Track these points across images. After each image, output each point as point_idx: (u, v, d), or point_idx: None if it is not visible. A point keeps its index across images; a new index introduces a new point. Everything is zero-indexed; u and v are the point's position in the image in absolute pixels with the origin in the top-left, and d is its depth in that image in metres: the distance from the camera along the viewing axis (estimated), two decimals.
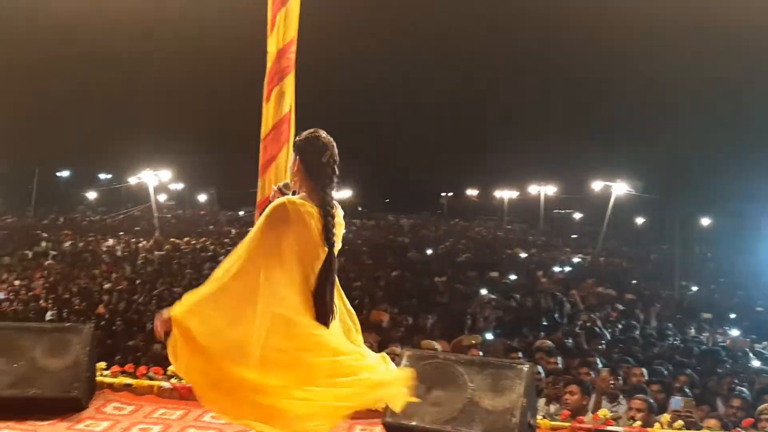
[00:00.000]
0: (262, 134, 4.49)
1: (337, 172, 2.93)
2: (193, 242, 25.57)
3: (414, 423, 3.79)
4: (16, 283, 14.32)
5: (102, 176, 56.30)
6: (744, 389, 5.84)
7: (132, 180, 39.82)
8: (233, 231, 30.98)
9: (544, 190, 43.09)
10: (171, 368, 4.71)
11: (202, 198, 57.13)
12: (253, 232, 2.87)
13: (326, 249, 2.84)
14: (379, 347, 7.04)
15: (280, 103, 4.45)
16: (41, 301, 12.21)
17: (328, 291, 2.85)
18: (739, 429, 4.32)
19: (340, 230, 2.92)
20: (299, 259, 2.80)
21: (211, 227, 37.26)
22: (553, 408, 5.15)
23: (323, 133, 2.97)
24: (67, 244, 24.75)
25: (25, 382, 4.06)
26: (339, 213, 2.92)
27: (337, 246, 2.89)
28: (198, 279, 15.61)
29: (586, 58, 41.82)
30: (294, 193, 2.94)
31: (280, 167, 4.46)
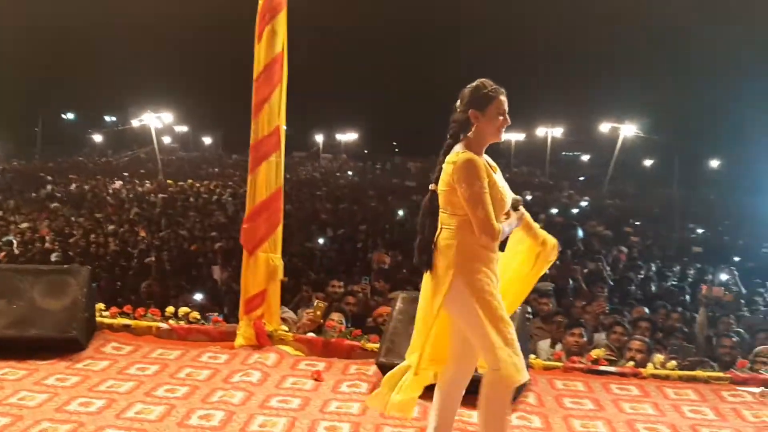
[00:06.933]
0: (255, 75, 4.35)
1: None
2: (198, 185, 25.57)
3: None
4: (23, 225, 14.38)
5: (107, 119, 56.03)
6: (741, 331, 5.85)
7: (135, 122, 39.71)
8: (237, 174, 30.93)
9: (551, 132, 42.58)
10: (169, 309, 4.77)
11: (207, 141, 56.95)
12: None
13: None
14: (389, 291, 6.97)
15: (272, 43, 4.30)
16: (46, 243, 12.26)
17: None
18: (734, 370, 4.34)
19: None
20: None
21: (215, 169, 37.24)
22: (558, 347, 5.17)
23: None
24: (73, 186, 24.81)
25: (24, 322, 4.11)
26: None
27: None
28: (203, 221, 15.57)
29: None
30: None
31: (273, 108, 4.35)
